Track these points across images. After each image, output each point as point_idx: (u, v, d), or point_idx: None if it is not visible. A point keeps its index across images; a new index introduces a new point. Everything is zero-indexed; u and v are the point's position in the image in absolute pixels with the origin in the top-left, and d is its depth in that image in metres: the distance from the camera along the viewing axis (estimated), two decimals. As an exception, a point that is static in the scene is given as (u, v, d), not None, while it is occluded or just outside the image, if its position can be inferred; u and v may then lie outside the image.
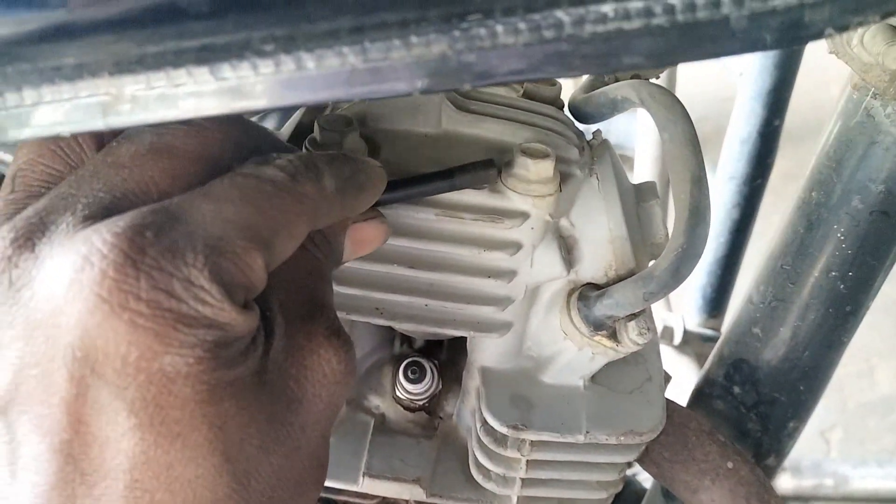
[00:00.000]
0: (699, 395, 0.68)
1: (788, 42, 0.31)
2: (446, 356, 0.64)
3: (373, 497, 0.60)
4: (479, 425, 0.55)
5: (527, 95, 0.61)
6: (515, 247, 0.51)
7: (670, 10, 0.29)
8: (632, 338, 0.53)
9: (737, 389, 0.64)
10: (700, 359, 1.22)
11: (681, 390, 0.74)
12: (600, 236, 0.54)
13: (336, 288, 0.51)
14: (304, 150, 0.49)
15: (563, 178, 0.53)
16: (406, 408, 0.62)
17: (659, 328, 1.23)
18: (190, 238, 0.31)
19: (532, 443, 0.54)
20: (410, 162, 0.51)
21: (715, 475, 0.59)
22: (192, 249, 0.31)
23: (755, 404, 0.64)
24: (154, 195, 0.34)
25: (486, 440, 0.55)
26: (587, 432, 0.53)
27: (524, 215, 0.50)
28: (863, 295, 0.58)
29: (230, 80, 0.30)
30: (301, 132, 0.52)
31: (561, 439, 0.53)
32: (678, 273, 0.48)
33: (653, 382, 0.58)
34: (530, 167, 0.49)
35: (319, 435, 0.38)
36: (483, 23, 0.29)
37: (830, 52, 0.48)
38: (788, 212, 0.59)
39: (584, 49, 0.30)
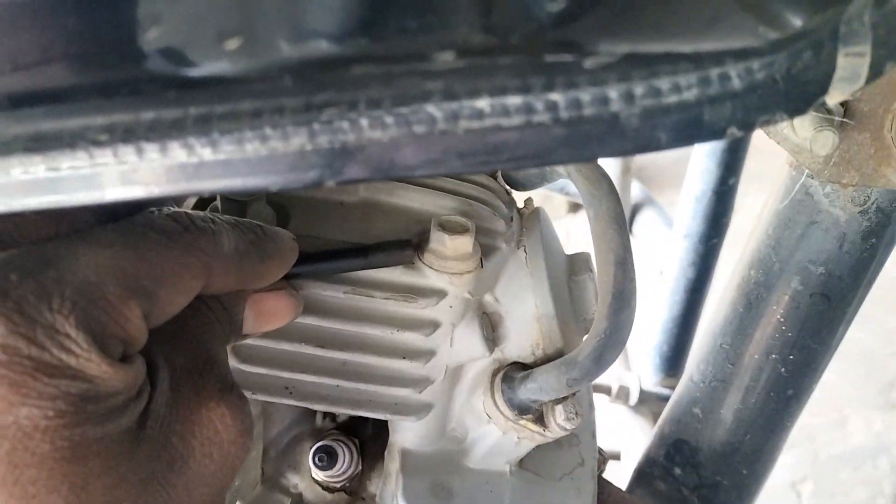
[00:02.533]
0: (641, 474, 0.65)
1: (685, 141, 0.28)
2: (371, 432, 0.60)
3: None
4: (395, 514, 0.52)
5: (460, 159, 0.58)
6: (432, 326, 0.48)
7: (552, 106, 0.26)
8: (559, 423, 0.49)
9: (678, 471, 0.61)
10: (657, 418, 1.18)
11: (636, 451, 0.71)
12: (526, 314, 0.51)
13: (241, 366, 0.48)
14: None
15: (488, 251, 0.50)
16: (325, 488, 0.58)
17: (615, 388, 1.20)
18: (58, 283, 0.29)
19: (450, 536, 0.50)
20: (323, 233, 0.48)
21: (649, 567, 0.55)
22: (59, 295, 0.28)
23: (697, 486, 0.61)
24: (32, 238, 0.32)
25: (402, 531, 0.51)
26: (508, 525, 0.50)
27: (441, 293, 0.47)
28: (806, 379, 0.55)
29: (62, 171, 0.27)
30: (205, 200, 0.49)
31: (479, 533, 0.50)
32: (601, 359, 0.45)
33: (585, 467, 0.55)
34: (447, 243, 0.46)
35: (209, 500, 0.35)
36: (345, 115, 0.26)
37: (762, 130, 0.45)
38: (729, 288, 0.56)
39: (459, 146, 0.27)
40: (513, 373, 0.51)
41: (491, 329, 0.51)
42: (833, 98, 0.28)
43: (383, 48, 0.25)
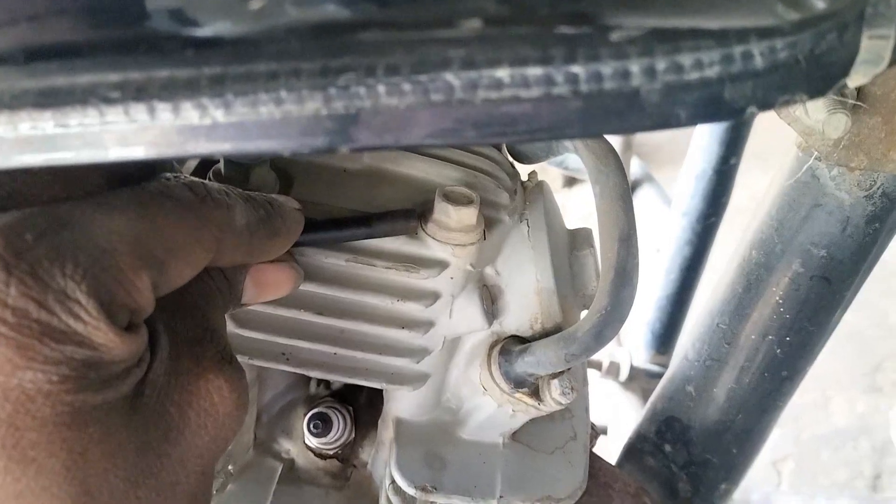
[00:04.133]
0: (631, 450, 0.65)
1: (704, 119, 0.28)
2: (365, 400, 0.61)
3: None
4: (388, 483, 0.52)
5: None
6: (432, 297, 0.47)
7: (573, 79, 0.26)
8: (554, 397, 0.49)
9: (668, 448, 0.62)
10: (646, 395, 1.19)
11: (625, 428, 0.71)
12: (527, 287, 0.51)
13: (238, 331, 0.48)
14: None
15: (490, 224, 0.50)
16: (317, 454, 0.58)
17: (605, 364, 1.21)
18: (73, 247, 0.28)
19: (442, 505, 0.51)
20: (326, 200, 0.47)
21: (637, 541, 0.56)
22: (72, 260, 0.28)
23: (686, 464, 0.61)
24: (44, 199, 0.31)
25: (394, 499, 0.51)
26: (500, 497, 0.50)
27: (443, 264, 0.47)
28: (801, 361, 0.56)
29: (71, 128, 0.26)
30: (206, 163, 0.48)
31: (472, 503, 0.50)
32: (601, 336, 0.45)
33: (577, 441, 0.55)
34: (451, 214, 0.46)
35: (201, 471, 0.34)
36: (363, 80, 0.26)
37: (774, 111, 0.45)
38: (728, 268, 0.56)
39: (476, 116, 0.26)
40: (510, 346, 0.51)
41: (491, 301, 0.51)
42: (854, 81, 0.28)
43: (405, 13, 0.25)
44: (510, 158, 0.57)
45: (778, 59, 0.27)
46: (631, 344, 1.28)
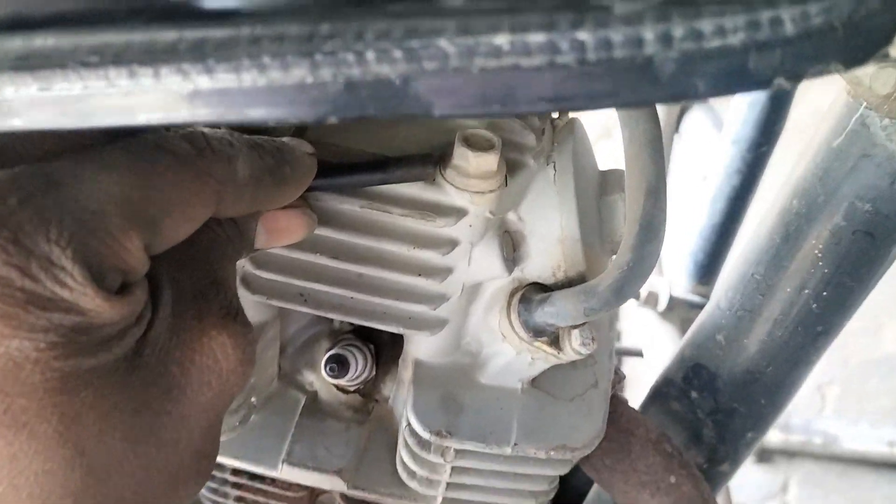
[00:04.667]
0: (657, 394, 0.64)
1: (725, 91, 0.25)
2: (388, 337, 0.60)
3: (298, 489, 0.58)
4: (405, 424, 0.52)
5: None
6: (450, 245, 0.46)
7: (579, 46, 0.24)
8: (574, 347, 0.48)
9: (694, 394, 0.61)
10: (685, 325, 1.17)
11: (661, 360, 0.70)
12: (550, 234, 0.49)
13: (256, 272, 0.48)
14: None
15: (514, 167, 0.48)
16: (339, 389, 0.59)
17: (644, 293, 1.19)
18: (59, 211, 0.27)
19: (457, 451, 0.51)
20: (343, 141, 0.46)
21: (655, 489, 0.55)
22: (57, 224, 0.27)
23: (712, 411, 0.60)
24: (37, 154, 0.31)
25: (410, 441, 0.52)
26: (515, 444, 0.50)
27: (461, 212, 0.45)
28: (837, 316, 0.53)
29: (54, 92, 0.25)
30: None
31: (486, 450, 0.50)
32: (622, 292, 0.44)
33: (598, 389, 0.54)
34: (471, 160, 0.44)
35: (205, 426, 0.34)
36: (351, 47, 0.24)
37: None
38: (768, 216, 0.54)
39: (473, 87, 0.25)
40: (531, 294, 0.49)
41: (512, 248, 0.50)
42: (899, 49, 0.25)
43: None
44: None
45: (811, 26, 0.24)
46: (672, 273, 1.25)
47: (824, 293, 0.51)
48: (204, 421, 0.34)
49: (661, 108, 1.30)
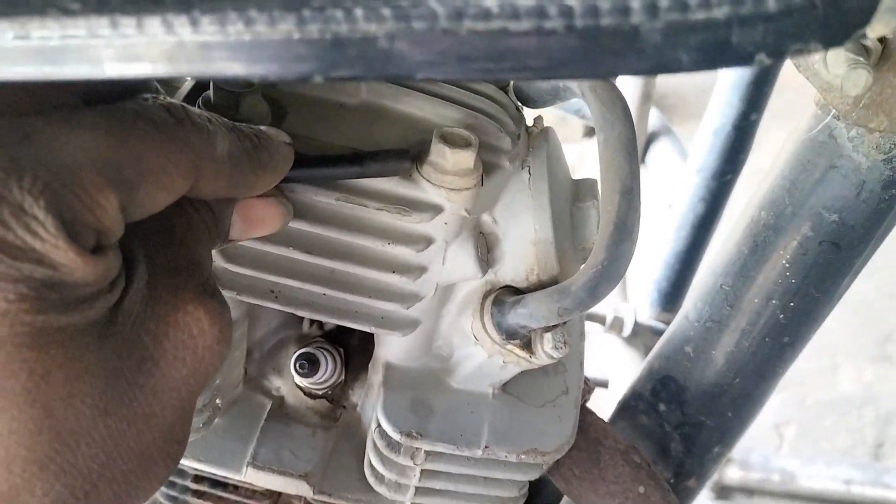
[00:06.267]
0: (625, 407, 0.64)
1: (709, 64, 0.26)
2: (357, 342, 0.60)
3: (261, 497, 0.56)
4: (374, 426, 0.51)
5: (471, 70, 0.55)
6: (425, 242, 0.46)
7: (567, 12, 0.24)
8: (546, 350, 0.48)
9: (662, 407, 0.61)
10: (648, 351, 1.17)
11: (625, 383, 0.70)
12: (524, 237, 0.49)
13: (227, 266, 0.47)
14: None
15: (489, 169, 0.48)
16: (307, 394, 0.58)
17: (610, 318, 1.20)
18: (34, 161, 0.27)
19: (427, 452, 0.50)
20: (320, 134, 0.46)
21: (624, 499, 0.55)
22: (31, 173, 0.26)
23: (680, 424, 0.60)
24: (11, 113, 0.30)
25: (379, 444, 0.51)
26: (486, 447, 0.49)
27: (436, 208, 0.45)
28: (803, 327, 0.54)
29: (32, 41, 0.25)
30: (199, 88, 0.47)
31: (457, 452, 0.49)
32: (596, 291, 0.44)
33: (569, 396, 0.54)
34: (448, 156, 0.44)
35: (178, 405, 0.34)
36: (340, 3, 0.24)
37: (793, 63, 0.42)
38: (736, 228, 0.54)
39: (461, 49, 0.25)
40: (504, 296, 0.49)
41: (486, 250, 0.50)
42: (875, 31, 0.26)
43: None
44: (516, 102, 0.54)
45: (793, 3, 0.25)
46: (637, 300, 1.26)
47: (791, 304, 0.52)
48: (177, 399, 0.33)
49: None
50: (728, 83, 1.03)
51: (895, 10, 0.25)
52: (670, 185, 1.18)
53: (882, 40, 0.40)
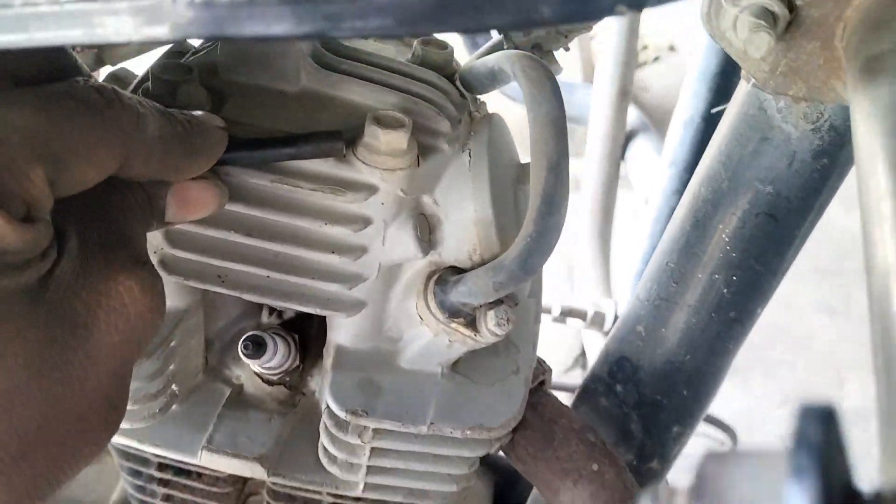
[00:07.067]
0: (585, 391, 0.65)
1: (569, 17, 0.27)
2: (317, 330, 0.61)
3: (224, 484, 0.57)
4: (324, 406, 0.52)
5: (417, 60, 0.57)
6: (362, 222, 0.47)
7: (426, -31, 0.25)
8: (490, 328, 0.49)
9: (619, 388, 0.61)
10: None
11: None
12: (465, 217, 0.50)
13: (172, 251, 0.48)
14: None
15: (427, 151, 0.50)
16: (265, 381, 0.59)
17: (590, 313, 1.20)
18: None
19: (375, 430, 0.51)
20: (259, 121, 0.47)
21: (578, 476, 0.55)
22: None
23: (637, 405, 0.61)
24: None
25: (328, 424, 0.52)
26: (431, 423, 0.50)
27: (371, 188, 0.46)
28: (749, 302, 0.54)
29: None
30: (144, 81, 0.48)
31: (402, 429, 0.50)
32: (527, 264, 0.45)
33: (519, 375, 0.55)
34: (380, 137, 0.45)
35: (113, 371, 0.35)
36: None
37: (707, 31, 0.43)
38: (680, 206, 0.55)
39: (327, 8, 0.26)
40: (447, 276, 0.50)
41: (428, 231, 0.51)
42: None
43: None
44: (461, 89, 0.56)
45: (646, -45, 0.26)
46: (620, 295, 1.27)
47: (734, 277, 0.53)
48: (112, 364, 0.35)
49: (607, 136, 1.33)
50: (696, 75, 1.04)
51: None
52: (649, 182, 1.19)
53: (792, 7, 0.41)
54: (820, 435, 0.13)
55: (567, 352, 1.70)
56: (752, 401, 2.02)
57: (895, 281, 0.21)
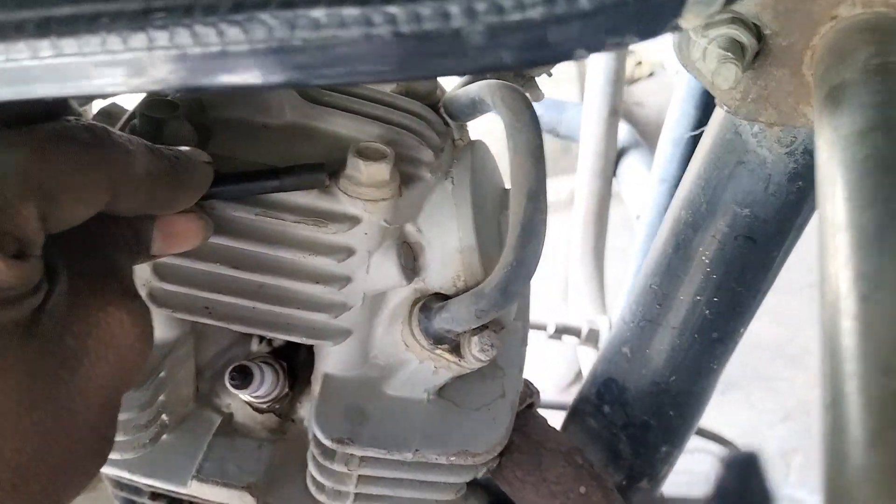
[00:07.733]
0: (574, 412, 0.65)
1: (531, 62, 0.28)
2: (305, 357, 0.61)
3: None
4: (311, 435, 0.53)
5: (402, 89, 0.58)
6: (346, 252, 0.48)
7: (391, 19, 0.26)
8: (474, 354, 0.50)
9: (607, 409, 0.62)
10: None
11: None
12: (449, 245, 0.51)
13: (160, 284, 0.49)
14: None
15: (410, 180, 0.50)
16: (255, 409, 0.59)
17: (584, 330, 1.21)
18: None
19: (361, 458, 0.51)
20: (243, 155, 0.48)
21: (565, 499, 0.56)
22: None
23: (625, 425, 0.62)
24: None
25: (316, 452, 0.52)
26: (416, 450, 0.51)
27: (354, 219, 0.47)
28: (731, 323, 0.55)
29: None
30: (132, 118, 0.49)
31: (388, 456, 0.51)
32: (507, 291, 0.46)
33: (505, 399, 0.55)
34: (362, 169, 0.46)
35: (104, 402, 0.36)
36: (180, 21, 0.26)
37: (681, 64, 0.44)
38: (662, 229, 0.56)
39: (298, 57, 0.27)
40: (431, 303, 0.51)
41: (412, 258, 0.51)
42: (688, 21, 0.28)
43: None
44: (444, 117, 0.57)
45: (605, 1, 0.27)
46: (614, 311, 1.27)
47: (715, 299, 0.53)
48: (102, 396, 0.35)
49: (598, 153, 1.34)
50: (684, 94, 1.05)
51: (704, 2, 0.27)
52: (641, 198, 1.20)
53: (760, 37, 0.42)
54: (739, 484, 0.14)
55: (567, 368, 1.70)
56: (755, 416, 2.02)
57: (845, 319, 0.22)
